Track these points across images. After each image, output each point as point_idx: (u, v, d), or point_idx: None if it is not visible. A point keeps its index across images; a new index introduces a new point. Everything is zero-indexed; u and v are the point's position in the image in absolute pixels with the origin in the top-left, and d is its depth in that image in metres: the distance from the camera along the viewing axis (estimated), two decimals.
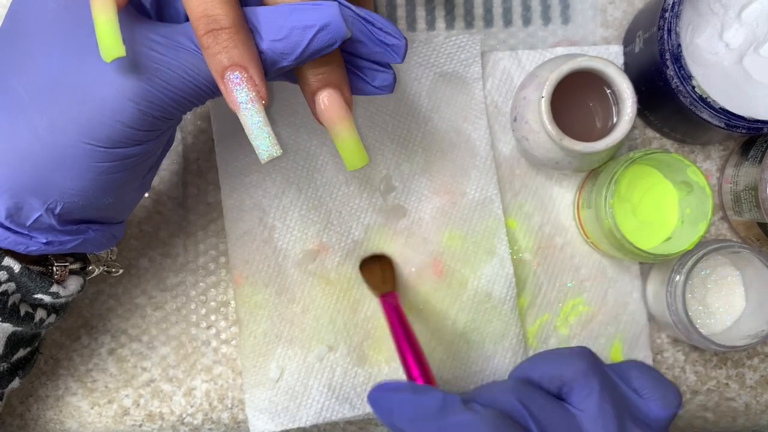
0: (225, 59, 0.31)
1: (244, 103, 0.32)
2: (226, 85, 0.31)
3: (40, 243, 0.37)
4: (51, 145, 0.33)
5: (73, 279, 0.41)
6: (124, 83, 0.32)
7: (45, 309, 0.41)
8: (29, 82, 0.33)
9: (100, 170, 0.34)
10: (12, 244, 0.36)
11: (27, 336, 0.41)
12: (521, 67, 0.50)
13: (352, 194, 0.48)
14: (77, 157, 0.33)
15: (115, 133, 0.33)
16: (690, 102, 0.43)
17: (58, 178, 0.34)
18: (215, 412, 0.49)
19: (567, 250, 0.49)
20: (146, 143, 0.35)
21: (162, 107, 0.33)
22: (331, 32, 0.32)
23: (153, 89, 0.32)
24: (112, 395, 0.49)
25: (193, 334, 0.49)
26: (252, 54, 0.32)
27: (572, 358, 0.37)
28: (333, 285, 0.48)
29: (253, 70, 0.31)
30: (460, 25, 0.50)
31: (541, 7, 0.50)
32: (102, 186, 0.35)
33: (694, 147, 0.51)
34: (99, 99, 0.32)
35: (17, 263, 0.37)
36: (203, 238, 0.50)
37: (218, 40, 0.31)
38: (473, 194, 0.49)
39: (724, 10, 0.45)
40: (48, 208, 0.35)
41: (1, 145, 0.34)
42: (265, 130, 0.32)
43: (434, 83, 0.49)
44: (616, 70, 0.42)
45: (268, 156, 0.32)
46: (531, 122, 0.44)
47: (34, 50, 0.33)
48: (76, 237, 0.37)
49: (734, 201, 0.48)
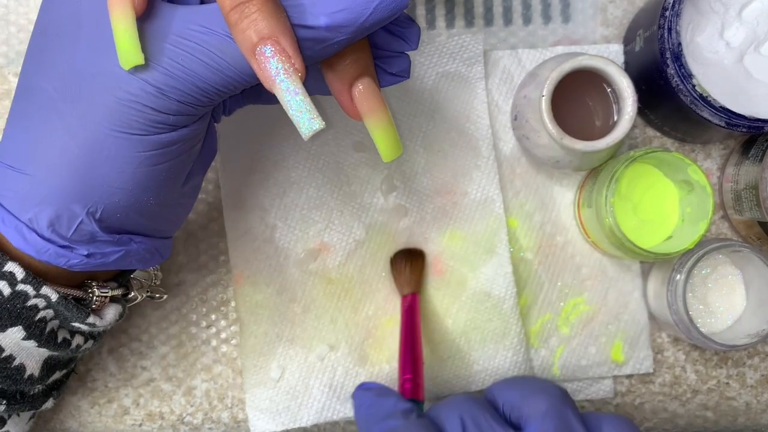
0: (253, 34, 0.29)
1: (279, 76, 0.30)
2: (258, 61, 0.29)
3: (81, 255, 0.35)
4: (85, 140, 0.32)
5: (112, 307, 0.40)
6: (143, 70, 0.31)
7: (83, 336, 0.40)
8: (57, 80, 0.33)
9: (137, 161, 0.33)
10: (53, 256, 0.35)
11: (63, 360, 0.41)
12: (521, 66, 0.49)
13: (353, 194, 0.48)
14: (112, 148, 0.32)
15: (143, 118, 0.32)
16: (690, 101, 0.43)
17: (96, 176, 0.33)
18: (215, 411, 0.49)
19: (568, 249, 0.49)
20: (180, 129, 0.33)
21: (185, 92, 0.32)
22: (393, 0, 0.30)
23: (172, 74, 0.31)
24: (111, 394, 0.49)
25: (193, 333, 0.49)
26: (284, 25, 0.30)
27: (537, 395, 0.36)
28: (334, 284, 0.48)
29: (285, 42, 0.29)
30: (460, 24, 0.50)
31: (542, 6, 0.50)
32: (141, 180, 0.34)
33: (694, 146, 0.50)
34: (121, 85, 0.31)
35: (54, 292, 0.37)
36: (203, 237, 0.49)
37: (245, 13, 0.29)
38: (475, 194, 0.48)
39: (724, 8, 0.45)
40: (89, 212, 0.34)
41: (38, 150, 0.33)
42: (304, 102, 0.30)
43: (436, 82, 0.49)
44: (617, 69, 0.42)
45: (309, 131, 0.30)
46: (531, 121, 0.44)
47: (62, 51, 0.33)
48: (119, 248, 0.36)
49: (735, 200, 0.48)
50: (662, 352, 0.50)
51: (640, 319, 0.49)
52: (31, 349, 0.38)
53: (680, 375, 0.50)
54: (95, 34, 0.32)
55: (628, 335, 0.49)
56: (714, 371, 0.50)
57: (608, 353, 0.49)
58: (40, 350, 0.38)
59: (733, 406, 0.50)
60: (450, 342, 0.48)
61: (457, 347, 0.48)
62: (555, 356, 0.49)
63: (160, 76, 0.31)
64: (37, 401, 0.41)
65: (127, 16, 0.30)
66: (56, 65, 0.33)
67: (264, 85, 0.30)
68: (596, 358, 0.49)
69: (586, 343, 0.49)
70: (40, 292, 0.36)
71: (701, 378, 0.50)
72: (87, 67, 0.32)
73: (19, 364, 0.38)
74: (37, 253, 0.35)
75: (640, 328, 0.49)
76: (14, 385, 0.39)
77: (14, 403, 0.40)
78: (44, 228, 0.34)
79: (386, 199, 0.49)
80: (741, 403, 0.50)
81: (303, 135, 0.30)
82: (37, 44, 0.35)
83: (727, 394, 0.50)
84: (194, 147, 0.36)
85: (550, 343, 0.49)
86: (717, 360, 0.50)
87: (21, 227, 0.34)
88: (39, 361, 0.39)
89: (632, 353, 0.49)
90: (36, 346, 0.38)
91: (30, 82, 0.34)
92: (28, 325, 0.37)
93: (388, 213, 0.49)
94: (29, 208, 0.34)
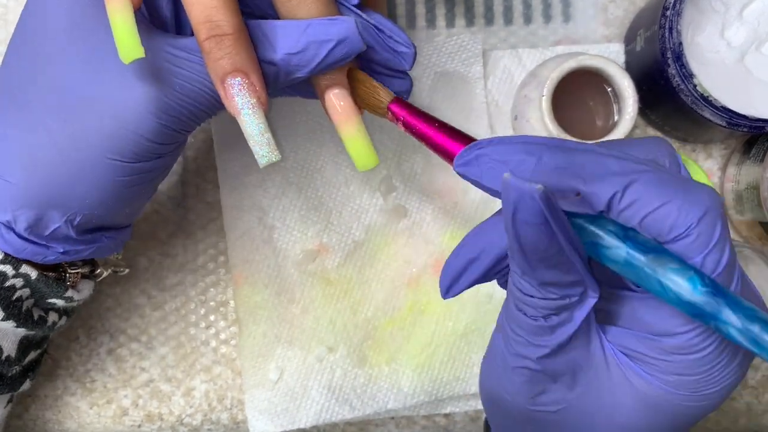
0: (227, 64, 0.31)
1: (245, 108, 0.32)
2: (227, 91, 0.32)
3: (57, 252, 0.37)
4: (74, 159, 0.34)
5: (85, 283, 0.42)
6: (143, 95, 0.32)
7: (57, 312, 0.41)
8: (47, 95, 0.33)
9: (122, 184, 0.35)
10: (30, 254, 0.37)
11: (37, 339, 0.42)
12: (522, 66, 0.49)
13: (352, 194, 0.48)
14: (100, 171, 0.34)
15: (137, 147, 0.33)
16: (691, 100, 0.43)
17: (79, 192, 0.34)
18: (214, 412, 0.49)
19: None
20: (165, 156, 0.35)
21: (179, 119, 0.33)
22: (347, 46, 0.32)
23: (171, 101, 0.33)
24: (110, 395, 0.49)
25: (192, 334, 0.49)
26: (253, 60, 0.32)
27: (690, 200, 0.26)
28: (333, 286, 0.48)
29: (254, 76, 0.32)
30: (460, 23, 0.50)
31: (542, 6, 0.50)
32: (122, 198, 0.36)
33: (695, 146, 0.50)
34: (120, 112, 0.32)
35: (34, 270, 0.38)
36: (202, 237, 0.49)
37: (221, 45, 0.31)
38: (475, 194, 0.48)
39: (725, 8, 0.45)
40: (67, 219, 0.35)
41: (22, 160, 0.34)
42: (265, 136, 0.32)
43: (435, 82, 0.49)
44: (617, 69, 0.42)
45: (267, 161, 0.32)
46: (532, 121, 0.44)
47: (50, 62, 0.33)
48: (91, 245, 0.38)
49: (736, 200, 0.48)
50: None
51: None
52: (7, 330, 0.39)
53: None
54: (91, 52, 0.33)
55: None
56: None
57: None
58: (16, 330, 0.39)
59: (735, 407, 0.50)
60: (451, 344, 0.48)
61: (458, 349, 0.48)
62: None
63: (161, 104, 0.32)
64: (15, 383, 0.42)
65: (125, 7, 0.30)
66: (45, 80, 0.33)
67: (228, 111, 0.32)
68: None
69: None
70: (20, 271, 0.37)
71: None
72: (80, 88, 0.33)
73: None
74: (14, 251, 0.36)
75: None
76: None
77: None
78: (22, 230, 0.36)
79: (385, 200, 0.48)
80: (742, 404, 0.50)
81: (260, 165, 0.33)
82: (19, 53, 0.35)
83: None
84: (172, 165, 0.38)
85: None
86: None
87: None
88: (15, 342, 0.40)
89: None
90: (14, 327, 0.38)
91: (14, 90, 0.34)
92: (6, 305, 0.38)
93: (387, 214, 0.48)
94: (8, 211, 0.35)
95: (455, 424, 0.50)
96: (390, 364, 0.48)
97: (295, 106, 0.48)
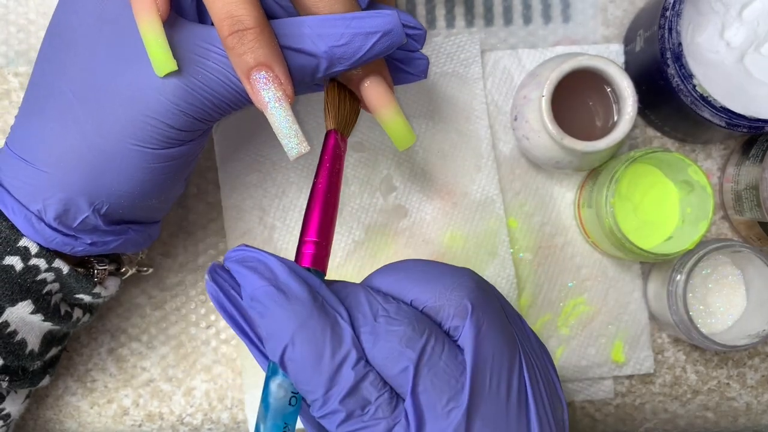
0: (251, 59, 0.31)
1: (272, 102, 0.32)
2: (253, 85, 0.32)
3: (85, 243, 0.38)
4: (100, 148, 0.34)
5: (112, 280, 0.43)
6: (166, 85, 0.32)
7: (82, 309, 0.42)
8: (77, 86, 0.34)
9: (148, 171, 0.35)
10: (59, 244, 0.37)
11: (60, 334, 0.42)
12: (521, 66, 0.49)
13: (352, 194, 0.48)
14: (125, 158, 0.34)
15: (160, 134, 0.34)
16: (691, 101, 0.43)
17: (106, 180, 0.35)
18: (215, 412, 0.49)
19: (568, 249, 0.49)
20: (189, 143, 0.36)
21: (202, 109, 0.34)
22: (391, 38, 0.33)
23: (193, 91, 0.33)
24: (111, 395, 0.49)
25: (193, 333, 0.49)
26: (277, 53, 0.32)
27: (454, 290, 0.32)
28: None
29: (278, 69, 0.32)
30: (460, 24, 0.50)
31: (542, 6, 0.50)
32: (148, 187, 0.36)
33: (695, 146, 0.50)
34: (143, 101, 0.33)
35: (66, 265, 0.38)
36: (203, 237, 0.49)
37: (243, 40, 0.31)
38: (475, 195, 0.48)
39: (725, 8, 0.45)
40: (95, 209, 0.36)
41: (52, 148, 0.35)
42: (293, 128, 0.32)
43: (434, 83, 0.49)
44: (617, 69, 0.42)
45: (297, 153, 0.33)
46: (531, 121, 0.44)
47: (80, 55, 0.34)
48: (118, 237, 0.39)
49: (735, 200, 0.48)
50: (662, 353, 0.50)
51: (641, 320, 0.49)
52: (34, 324, 0.39)
53: (680, 375, 0.50)
54: (116, 43, 0.33)
55: (629, 336, 0.49)
56: (714, 372, 0.50)
57: (608, 354, 0.49)
58: (42, 325, 0.39)
59: (734, 407, 0.50)
60: None
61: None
62: (555, 357, 0.49)
63: (182, 93, 0.33)
64: (35, 378, 0.42)
65: (154, 23, 0.31)
66: (74, 69, 0.34)
67: (256, 107, 0.33)
68: (596, 359, 0.49)
69: (586, 343, 0.49)
70: (53, 265, 0.38)
71: (702, 378, 0.50)
72: (107, 77, 0.33)
73: (21, 339, 0.39)
74: (45, 241, 0.37)
75: (641, 329, 0.49)
76: (16, 361, 0.40)
77: (16, 380, 0.41)
78: (51, 219, 0.36)
79: (386, 200, 0.48)
80: (741, 404, 0.50)
81: (290, 157, 0.33)
82: (53, 44, 0.36)
83: (727, 394, 0.50)
84: (198, 155, 0.38)
85: (550, 344, 0.49)
86: (717, 360, 0.50)
87: (30, 217, 0.36)
88: (39, 336, 0.40)
89: (632, 354, 0.49)
90: (41, 320, 0.39)
91: (46, 80, 0.35)
92: (36, 298, 0.38)
93: (387, 214, 0.48)
94: (38, 200, 0.36)
95: None
96: None
97: (295, 106, 0.48)
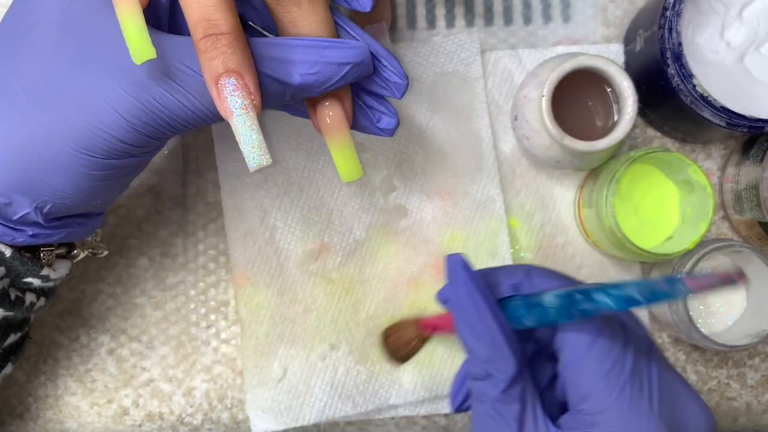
0: (221, 64, 0.30)
1: (238, 110, 0.31)
2: (221, 91, 0.31)
3: (26, 235, 0.37)
4: (46, 150, 0.33)
5: (62, 263, 0.41)
6: (120, 98, 0.32)
7: (34, 293, 0.41)
8: (28, 83, 0.33)
9: (92, 178, 0.35)
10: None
11: (17, 321, 0.41)
12: (522, 66, 0.49)
13: (353, 194, 0.48)
14: (72, 164, 0.34)
15: (109, 146, 0.33)
16: (691, 101, 0.43)
17: (50, 181, 0.34)
18: (215, 411, 0.49)
19: (568, 249, 0.49)
20: (138, 156, 0.35)
21: (155, 129, 0.33)
22: (361, 69, 0.33)
23: (148, 110, 0.32)
24: (111, 395, 0.49)
25: (193, 333, 0.49)
26: (249, 61, 0.31)
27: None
28: (335, 284, 0.48)
29: (249, 78, 0.31)
30: (460, 24, 0.50)
31: (542, 6, 0.50)
32: (92, 191, 0.35)
33: (695, 146, 0.50)
34: (95, 112, 0.32)
35: (8, 248, 0.38)
36: (203, 237, 0.49)
37: (217, 44, 0.30)
38: (475, 194, 0.48)
39: (725, 8, 0.45)
40: (37, 207, 0.35)
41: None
42: (256, 139, 0.32)
43: (434, 83, 0.49)
44: (617, 69, 0.42)
45: (257, 164, 0.32)
46: (532, 121, 0.44)
47: (36, 52, 0.33)
48: (61, 231, 0.38)
49: (735, 200, 0.48)
50: (663, 353, 0.50)
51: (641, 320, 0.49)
52: None
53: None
54: (77, 46, 0.33)
55: None
56: (714, 372, 0.50)
57: None
58: None
59: (734, 407, 0.50)
60: (450, 343, 0.48)
61: (457, 346, 0.48)
62: None
63: (137, 111, 0.32)
64: None
65: (134, 10, 0.30)
66: (28, 66, 0.33)
67: (220, 114, 0.32)
68: None
69: None
70: None
71: (702, 378, 0.50)
72: (61, 80, 0.33)
73: None
74: None
75: None
76: None
77: None
78: None
79: (386, 200, 0.49)
80: (741, 404, 0.50)
81: (250, 168, 0.32)
82: (10, 36, 0.34)
83: (727, 394, 0.50)
84: (147, 163, 0.38)
85: None
86: (717, 360, 0.50)
87: None
88: None
89: None
90: None
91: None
92: None
93: (388, 213, 0.48)
94: None
95: (455, 424, 0.50)
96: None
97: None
